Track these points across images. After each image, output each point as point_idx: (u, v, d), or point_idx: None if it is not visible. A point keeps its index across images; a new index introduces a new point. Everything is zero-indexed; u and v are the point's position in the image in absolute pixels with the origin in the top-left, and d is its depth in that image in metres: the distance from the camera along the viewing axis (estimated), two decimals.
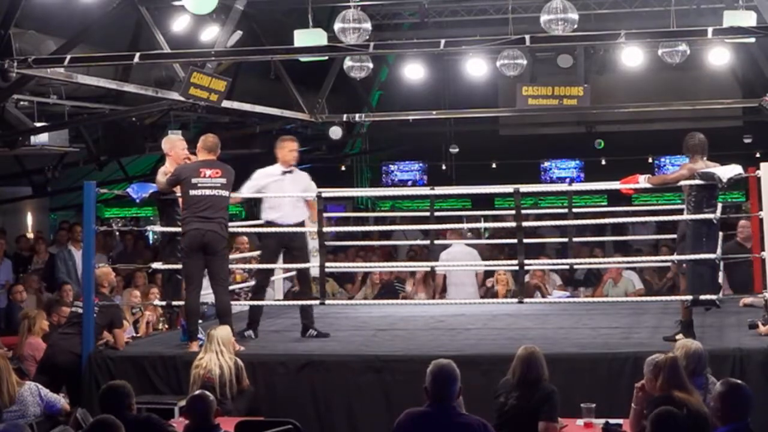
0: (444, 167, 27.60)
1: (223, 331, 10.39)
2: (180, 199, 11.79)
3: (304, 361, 10.74)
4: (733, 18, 13.14)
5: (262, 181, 12.30)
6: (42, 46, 13.57)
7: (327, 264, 12.79)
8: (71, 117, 16.89)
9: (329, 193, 13.13)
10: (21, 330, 12.15)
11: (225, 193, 11.22)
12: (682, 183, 11.24)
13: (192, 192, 11.12)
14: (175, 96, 14.09)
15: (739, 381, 7.12)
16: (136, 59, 12.86)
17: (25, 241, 19.23)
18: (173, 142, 12.02)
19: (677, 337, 10.59)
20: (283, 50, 14.12)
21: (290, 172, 12.37)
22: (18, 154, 18.13)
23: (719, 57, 18.11)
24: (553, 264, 15.43)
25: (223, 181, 11.21)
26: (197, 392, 8.29)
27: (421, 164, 28.44)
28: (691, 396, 7.79)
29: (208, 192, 11.13)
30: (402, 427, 6.91)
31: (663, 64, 17.36)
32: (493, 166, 26.62)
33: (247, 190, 12.33)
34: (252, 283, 14.73)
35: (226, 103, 14.69)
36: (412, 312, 13.62)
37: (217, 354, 10.13)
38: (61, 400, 9.82)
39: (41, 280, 16.89)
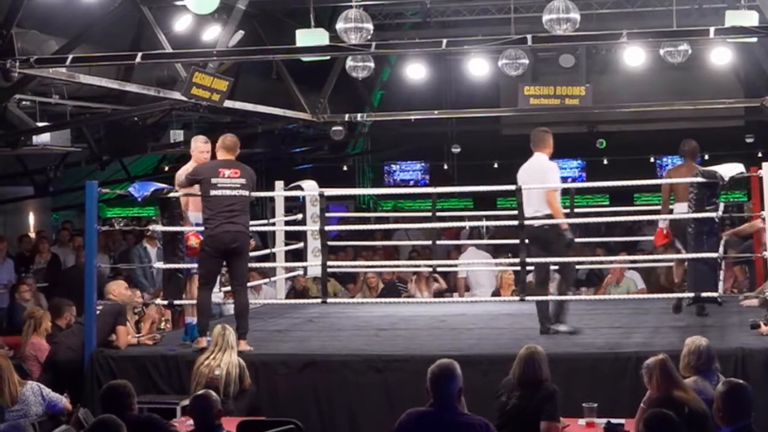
0: (446, 167, 27.60)
1: (230, 331, 10.39)
2: (184, 199, 11.78)
3: (305, 360, 10.73)
4: (735, 18, 13.14)
5: None
6: (44, 46, 13.56)
7: (329, 263, 12.80)
8: (73, 117, 16.90)
9: (331, 192, 13.14)
10: (25, 329, 12.14)
11: (245, 192, 11.07)
12: (684, 181, 11.25)
13: (213, 192, 11.02)
14: (177, 96, 14.09)
15: (741, 381, 7.12)
16: (138, 59, 12.85)
17: (27, 241, 19.25)
18: (194, 141, 11.93)
19: None
20: (285, 50, 14.13)
21: None
22: (20, 154, 18.13)
23: (721, 57, 18.11)
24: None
25: (243, 181, 11.06)
26: (201, 392, 8.26)
27: (423, 164, 28.47)
28: (688, 394, 7.81)
29: (228, 192, 11.00)
30: (403, 427, 6.90)
31: (665, 64, 17.37)
32: (495, 165, 26.60)
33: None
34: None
35: (228, 103, 14.69)
36: (413, 312, 13.60)
37: (222, 353, 10.14)
38: (63, 400, 9.81)
39: (43, 280, 16.91)
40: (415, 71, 20.04)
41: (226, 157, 11.27)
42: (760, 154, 22.52)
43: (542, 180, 11.64)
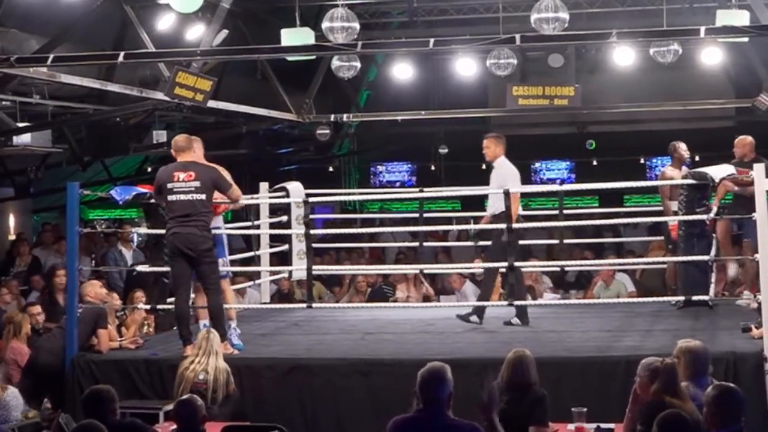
0: (433, 168, 27.60)
1: (214, 335, 10.38)
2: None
3: (290, 365, 10.73)
4: (726, 17, 13.17)
5: None
6: (24, 45, 13.55)
7: (314, 267, 12.80)
8: (54, 117, 16.86)
9: (316, 198, 13.18)
10: (5, 334, 12.13)
11: (201, 196, 10.96)
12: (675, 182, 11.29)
13: (169, 197, 11.00)
14: (160, 96, 14.08)
15: (732, 385, 7.13)
16: (121, 58, 12.83)
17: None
18: None
19: None
20: (270, 49, 14.12)
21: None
22: (0, 154, 18.09)
23: (712, 56, 18.15)
24: (544, 266, 15.44)
25: (197, 184, 10.95)
26: (185, 396, 8.26)
27: (409, 165, 28.45)
28: (684, 403, 7.74)
29: (182, 197, 10.93)
30: None
31: (655, 64, 17.40)
32: (483, 167, 26.54)
33: None
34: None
35: (211, 103, 14.68)
36: (401, 315, 13.61)
37: (207, 357, 10.13)
38: None
39: (23, 284, 16.86)
40: (402, 71, 20.04)
41: (182, 158, 11.22)
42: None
43: None
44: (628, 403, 8.21)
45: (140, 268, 12.78)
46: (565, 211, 13.95)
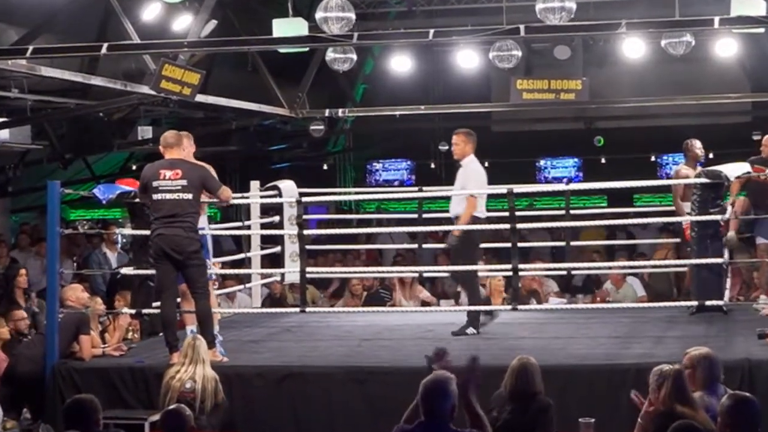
0: (433, 166, 27.59)
1: (201, 341, 10.38)
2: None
3: (283, 372, 10.73)
4: (741, 6, 13.15)
5: None
6: (3, 36, 13.55)
7: (308, 269, 12.80)
8: (34, 112, 16.84)
9: (310, 197, 13.17)
10: None
11: (187, 195, 10.93)
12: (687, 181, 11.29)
13: (154, 196, 10.99)
14: (146, 90, 14.06)
15: (747, 394, 7.12)
16: (104, 50, 12.81)
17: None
18: None
19: None
20: (261, 41, 14.10)
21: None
22: None
23: (726, 48, 18.13)
24: (549, 268, 15.44)
25: (184, 182, 10.94)
26: (172, 406, 8.26)
27: (408, 163, 28.44)
28: (696, 413, 7.73)
29: (168, 196, 10.92)
30: None
31: (666, 56, 17.39)
32: (486, 164, 26.52)
33: None
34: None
35: (199, 98, 14.67)
36: (399, 321, 13.62)
37: (194, 366, 10.12)
38: None
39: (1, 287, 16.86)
40: (401, 64, 20.03)
41: (169, 155, 11.21)
42: None
43: None
44: (637, 414, 8.21)
45: (124, 270, 12.76)
46: (572, 212, 13.96)
